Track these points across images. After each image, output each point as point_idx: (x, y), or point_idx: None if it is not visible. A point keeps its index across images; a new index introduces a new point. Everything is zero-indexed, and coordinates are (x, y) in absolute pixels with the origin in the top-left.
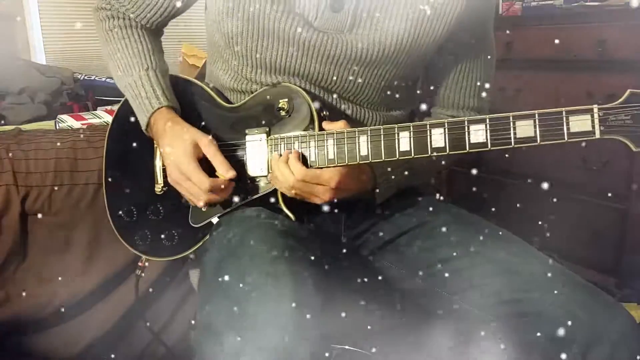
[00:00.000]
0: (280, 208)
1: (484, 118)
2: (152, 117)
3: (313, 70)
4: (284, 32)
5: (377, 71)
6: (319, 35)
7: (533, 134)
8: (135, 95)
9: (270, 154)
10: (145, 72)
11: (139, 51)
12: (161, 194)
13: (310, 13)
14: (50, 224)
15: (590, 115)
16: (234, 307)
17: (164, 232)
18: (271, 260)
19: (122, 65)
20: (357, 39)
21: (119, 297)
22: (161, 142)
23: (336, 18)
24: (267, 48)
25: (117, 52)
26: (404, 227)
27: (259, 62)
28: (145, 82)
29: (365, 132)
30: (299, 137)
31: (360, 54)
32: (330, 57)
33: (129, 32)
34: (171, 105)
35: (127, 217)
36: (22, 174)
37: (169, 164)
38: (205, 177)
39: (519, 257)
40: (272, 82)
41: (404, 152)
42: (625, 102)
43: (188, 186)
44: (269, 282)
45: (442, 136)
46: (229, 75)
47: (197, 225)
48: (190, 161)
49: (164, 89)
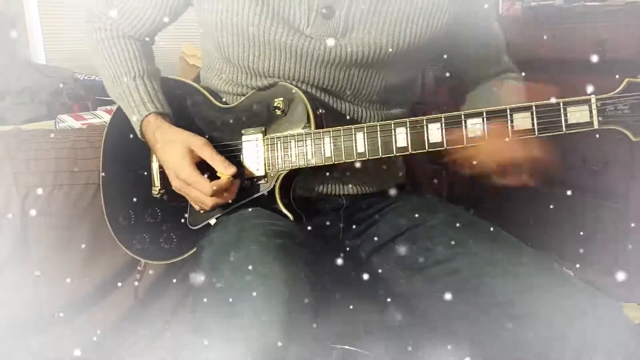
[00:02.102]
0: (279, 208)
1: (481, 111)
2: (142, 124)
3: (308, 75)
4: (275, 42)
5: (375, 73)
6: (311, 41)
7: (530, 126)
8: (126, 105)
9: (267, 154)
10: (133, 80)
11: (126, 59)
12: (158, 196)
13: (301, 21)
14: (50, 224)
15: (588, 105)
16: (225, 308)
17: (162, 235)
18: (264, 262)
19: (112, 75)
20: (351, 43)
21: (118, 298)
22: (155, 150)
23: (328, 24)
24: (260, 57)
25: (106, 61)
26: (402, 227)
27: (252, 70)
28: (133, 91)
29: (362, 129)
30: (295, 135)
31: (355, 58)
32: (325, 62)
33: (115, 42)
34: (159, 111)
35: (125, 221)
36: (22, 174)
37: (169, 173)
38: (205, 182)
39: (515, 258)
40: (269, 83)
41: (401, 148)
42: (623, 92)
43: (190, 192)
44: (260, 283)
45: (439, 131)
46: (223, 80)
47: (195, 227)
48: (186, 167)
49: (151, 95)
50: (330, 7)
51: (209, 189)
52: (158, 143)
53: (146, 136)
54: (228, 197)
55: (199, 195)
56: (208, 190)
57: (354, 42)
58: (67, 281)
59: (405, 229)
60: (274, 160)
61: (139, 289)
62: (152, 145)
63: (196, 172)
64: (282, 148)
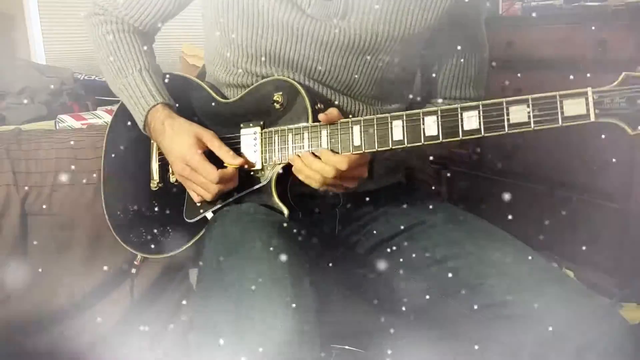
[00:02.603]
0: (273, 203)
1: (477, 104)
2: (148, 115)
3: (306, 57)
4: (278, 20)
5: (370, 60)
6: (312, 21)
7: (527, 119)
8: (130, 96)
9: (264, 148)
10: (139, 73)
11: (132, 53)
12: (156, 190)
13: (303, 1)
14: (50, 224)
15: (585, 98)
16: (232, 308)
17: (159, 228)
18: (269, 260)
19: (116, 68)
20: (349, 25)
21: (118, 297)
22: (161, 139)
23: (328, 5)
24: (263, 37)
25: (110, 55)
26: (400, 225)
27: (254, 51)
28: (140, 82)
29: (359, 122)
30: (293, 129)
31: (352, 41)
32: (323, 43)
33: (122, 36)
34: (166, 102)
35: (123, 215)
36: (22, 174)
37: (173, 160)
38: (213, 168)
39: (513, 258)
40: (267, 74)
41: (397, 141)
42: (620, 85)
43: (196, 178)
44: (267, 284)
45: (435, 124)
46: (225, 69)
47: (191, 220)
48: (195, 153)
49: (158, 87)
50: None
51: (215, 175)
52: (167, 132)
53: (152, 125)
54: (230, 186)
55: (204, 182)
56: (215, 177)
57: (352, 26)
58: (67, 281)
59: (403, 228)
60: (271, 154)
61: (139, 289)
62: (159, 133)
63: (205, 159)
64: (279, 142)
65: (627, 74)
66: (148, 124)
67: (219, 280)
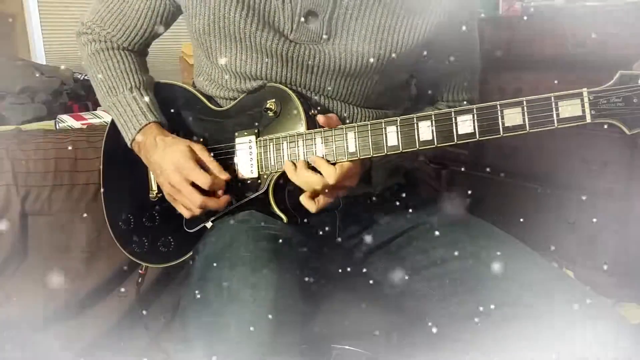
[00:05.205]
0: (273, 210)
1: (471, 108)
2: (139, 133)
3: (294, 80)
4: (261, 46)
5: (359, 80)
6: (295, 46)
7: (522, 121)
8: (120, 114)
9: (260, 156)
10: (130, 92)
11: (122, 71)
12: (156, 200)
13: (285, 26)
14: (50, 224)
15: (580, 99)
16: (212, 318)
17: (160, 238)
18: (254, 270)
19: (107, 86)
20: (334, 48)
21: (118, 298)
22: (152, 154)
23: (311, 29)
24: (247, 61)
25: (101, 73)
26: (399, 228)
27: (241, 73)
28: (131, 101)
29: (353, 128)
30: (287, 137)
31: (338, 64)
32: (310, 67)
33: (111, 53)
34: (158, 120)
35: (125, 225)
36: (22, 174)
37: (163, 173)
38: (207, 176)
39: (513, 261)
40: (259, 85)
41: (392, 147)
42: (616, 84)
43: (184, 189)
44: (248, 293)
45: (429, 129)
46: (213, 85)
47: (191, 230)
48: (190, 162)
49: (149, 105)
50: (313, 13)
51: (209, 181)
52: (158, 147)
53: (142, 143)
54: (216, 203)
55: (191, 193)
56: (208, 182)
57: (337, 49)
58: (67, 281)
59: (403, 230)
60: (267, 162)
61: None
62: (150, 150)
63: (199, 167)
64: (274, 149)
65: (622, 73)
66: (137, 141)
67: (203, 287)
